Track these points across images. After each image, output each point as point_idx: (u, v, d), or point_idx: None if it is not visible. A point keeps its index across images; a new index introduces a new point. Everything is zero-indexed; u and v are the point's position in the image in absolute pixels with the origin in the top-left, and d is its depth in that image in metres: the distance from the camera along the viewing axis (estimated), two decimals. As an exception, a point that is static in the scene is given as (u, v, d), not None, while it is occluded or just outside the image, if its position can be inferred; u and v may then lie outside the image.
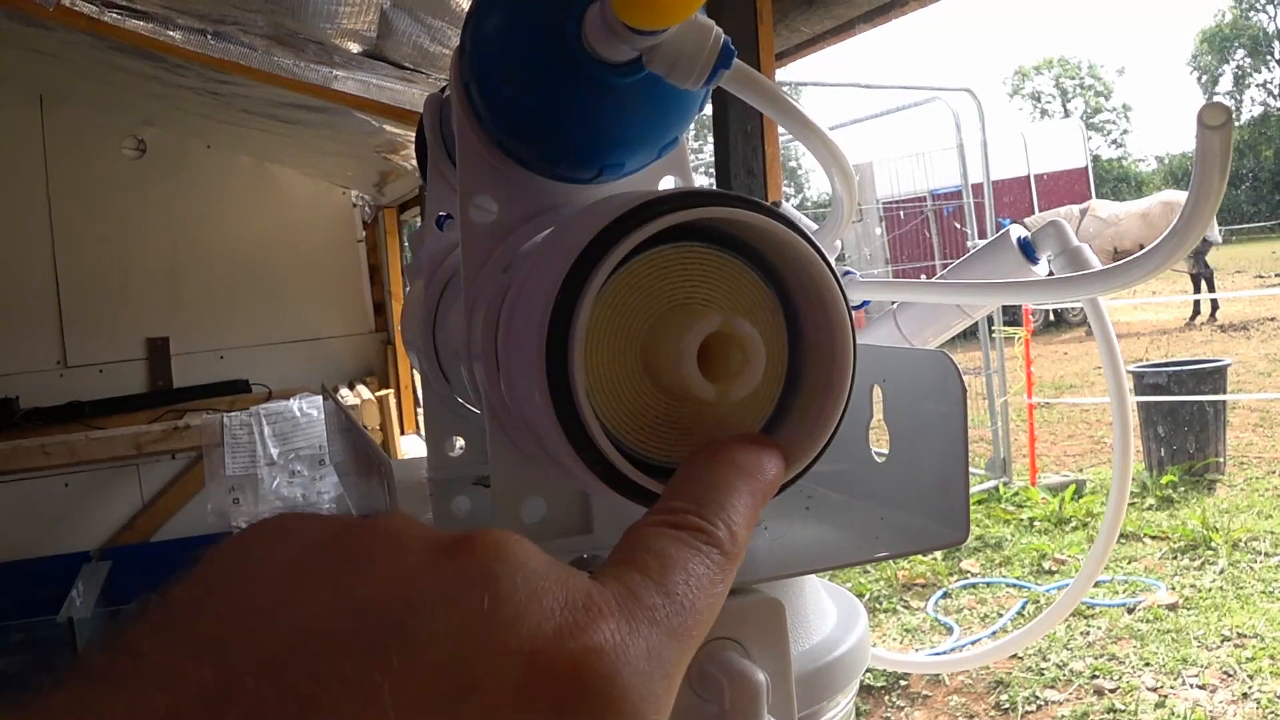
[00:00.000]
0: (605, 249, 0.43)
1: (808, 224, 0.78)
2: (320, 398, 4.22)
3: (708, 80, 0.48)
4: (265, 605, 0.26)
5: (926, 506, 0.57)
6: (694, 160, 0.62)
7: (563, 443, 0.44)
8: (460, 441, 0.83)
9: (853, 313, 0.49)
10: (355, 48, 2.57)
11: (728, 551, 0.35)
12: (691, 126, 0.59)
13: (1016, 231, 0.86)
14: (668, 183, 0.62)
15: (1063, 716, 3.81)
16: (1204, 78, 55.48)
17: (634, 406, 0.47)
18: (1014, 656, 4.23)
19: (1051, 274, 0.84)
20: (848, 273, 0.87)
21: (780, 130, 1.62)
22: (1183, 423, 6.60)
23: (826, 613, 0.58)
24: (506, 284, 0.52)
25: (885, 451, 0.61)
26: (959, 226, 9.32)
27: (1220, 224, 14.44)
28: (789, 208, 0.88)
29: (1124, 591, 4.90)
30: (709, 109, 1.61)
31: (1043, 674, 4.09)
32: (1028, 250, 0.85)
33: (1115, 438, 0.82)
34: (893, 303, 0.94)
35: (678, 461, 0.49)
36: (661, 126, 0.55)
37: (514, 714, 0.25)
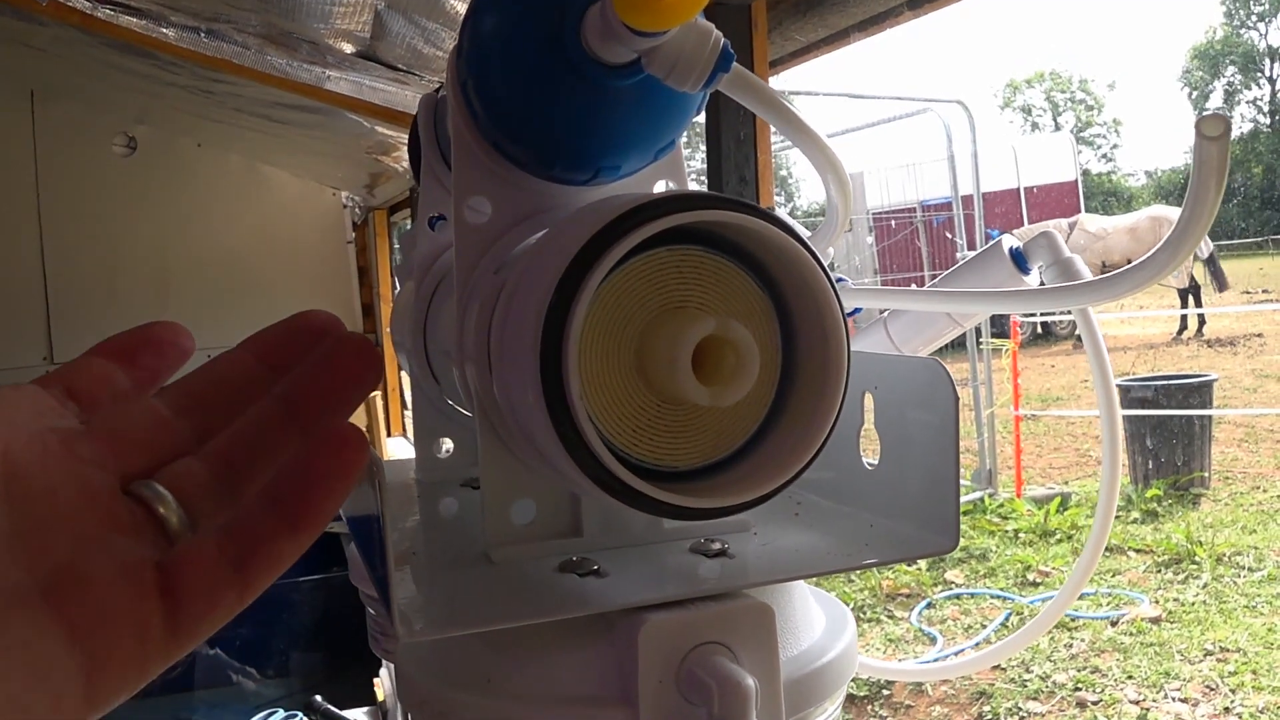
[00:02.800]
0: (601, 251, 0.43)
1: (802, 231, 0.78)
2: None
3: (706, 83, 0.48)
4: None
5: (916, 514, 0.57)
6: (686, 167, 0.62)
7: (556, 445, 0.44)
8: (448, 443, 0.82)
9: (847, 319, 0.49)
10: (348, 48, 2.57)
11: None
12: (685, 132, 0.59)
13: (1009, 241, 0.86)
14: (662, 186, 0.62)
15: (1045, 728, 3.82)
16: (1194, 93, 55.74)
17: (627, 409, 0.47)
18: (997, 667, 4.23)
19: (1043, 284, 0.84)
20: (840, 280, 0.87)
21: (772, 136, 1.63)
22: (1168, 437, 6.62)
23: (814, 619, 0.58)
24: (499, 285, 0.51)
25: (875, 460, 0.61)
26: (950, 236, 9.33)
27: (1209, 239, 14.49)
28: (782, 215, 0.88)
29: (1108, 604, 4.90)
30: (701, 115, 1.61)
31: (1025, 685, 4.09)
32: (1019, 260, 0.85)
33: (1104, 448, 0.82)
34: (883, 310, 0.94)
35: (670, 465, 0.49)
36: (658, 129, 0.55)
37: None
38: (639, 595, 0.50)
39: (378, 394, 4.76)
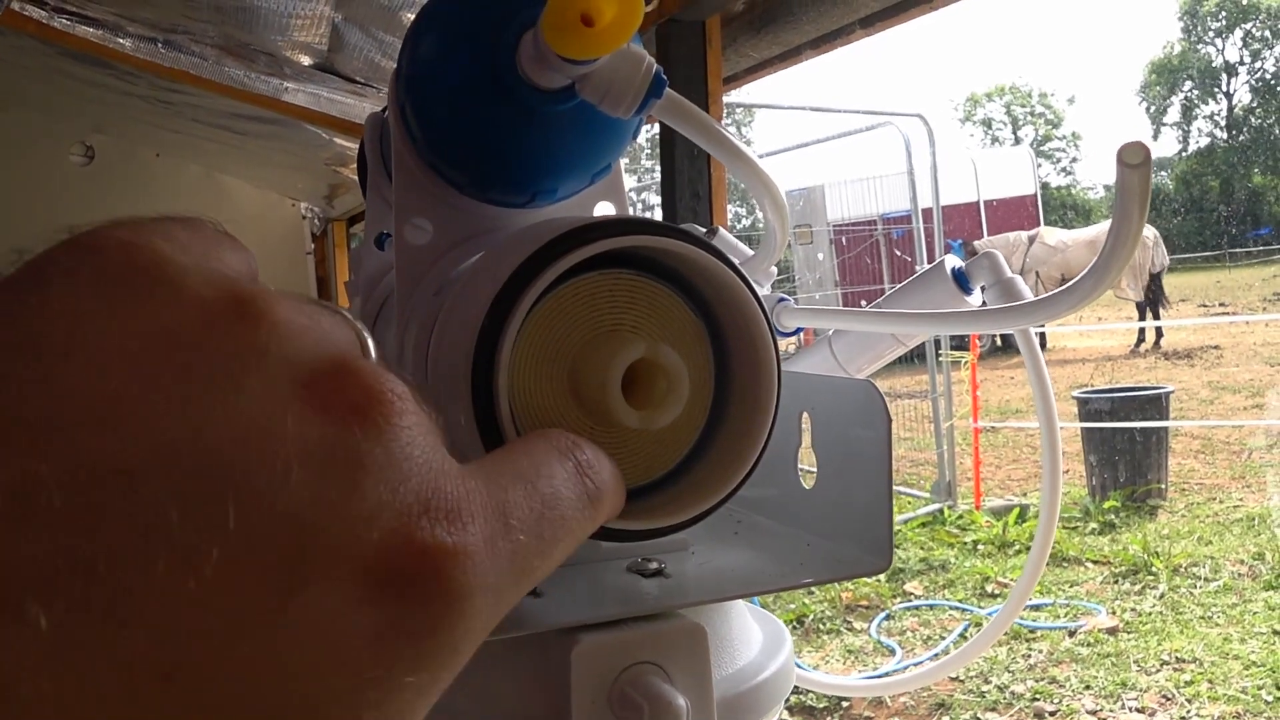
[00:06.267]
0: (532, 275, 0.44)
1: (744, 251, 0.79)
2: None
3: (639, 109, 0.48)
4: (93, 402, 0.21)
5: (851, 533, 0.58)
6: (647, 181, 0.63)
7: (486, 467, 0.44)
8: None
9: (778, 341, 0.49)
10: (306, 60, 2.57)
11: (598, 507, 0.32)
12: (645, 149, 0.59)
13: (951, 262, 0.87)
14: (603, 208, 0.62)
15: (1002, 739, 3.84)
16: (1152, 108, 56.37)
17: (560, 431, 0.47)
18: (955, 679, 4.25)
19: (984, 304, 0.85)
20: (783, 299, 0.88)
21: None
22: (1125, 449, 6.67)
23: (751, 637, 0.59)
24: (438, 307, 0.52)
25: (814, 475, 0.61)
26: (899, 253, 9.38)
27: (1167, 253, 14.63)
28: (725, 235, 0.88)
29: (1065, 615, 4.94)
30: (655, 129, 1.62)
31: (984, 696, 4.11)
32: (961, 280, 0.86)
33: (1044, 466, 0.83)
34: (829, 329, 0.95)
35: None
36: (594, 154, 0.55)
37: (348, 610, 0.22)
38: (574, 615, 0.50)
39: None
